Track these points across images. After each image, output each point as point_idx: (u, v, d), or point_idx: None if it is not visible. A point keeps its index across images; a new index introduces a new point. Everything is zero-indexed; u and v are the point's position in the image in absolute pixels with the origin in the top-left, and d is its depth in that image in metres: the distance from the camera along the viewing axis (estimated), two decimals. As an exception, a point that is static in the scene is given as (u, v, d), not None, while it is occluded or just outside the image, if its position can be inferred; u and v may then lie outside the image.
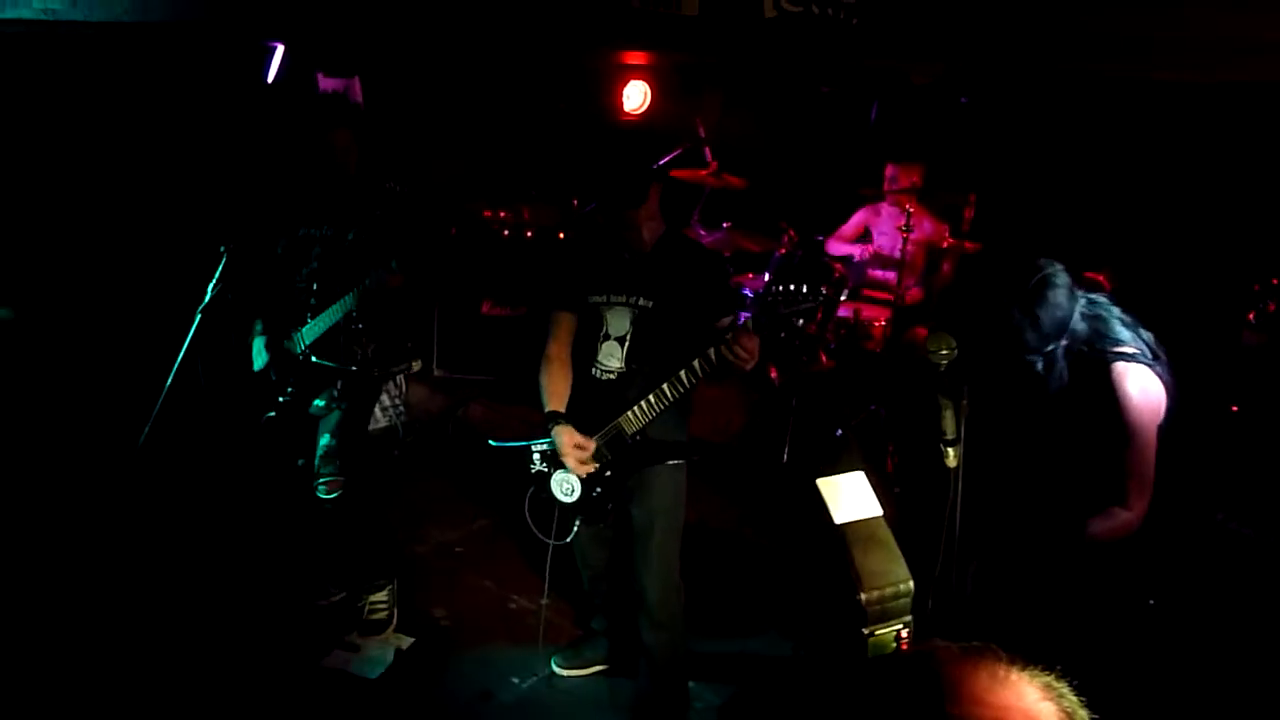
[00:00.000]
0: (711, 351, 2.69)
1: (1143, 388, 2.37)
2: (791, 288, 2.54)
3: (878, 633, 1.23)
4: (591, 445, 2.96)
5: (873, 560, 1.23)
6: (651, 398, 2.84)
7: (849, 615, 1.22)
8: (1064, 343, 2.41)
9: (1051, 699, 0.92)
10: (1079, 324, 2.43)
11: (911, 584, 1.20)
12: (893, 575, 1.20)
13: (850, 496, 1.26)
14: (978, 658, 0.95)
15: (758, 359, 2.70)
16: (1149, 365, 2.42)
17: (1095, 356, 2.41)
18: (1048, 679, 0.94)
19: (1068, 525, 2.47)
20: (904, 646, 1.25)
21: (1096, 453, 2.44)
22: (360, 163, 3.40)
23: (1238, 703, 2.96)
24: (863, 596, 1.22)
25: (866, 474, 1.27)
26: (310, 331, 3.41)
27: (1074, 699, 0.94)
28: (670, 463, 3.02)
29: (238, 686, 3.31)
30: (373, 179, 3.42)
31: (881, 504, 1.29)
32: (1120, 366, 2.38)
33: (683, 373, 2.77)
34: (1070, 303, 2.41)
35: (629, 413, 2.90)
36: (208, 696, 3.26)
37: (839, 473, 1.26)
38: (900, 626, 1.21)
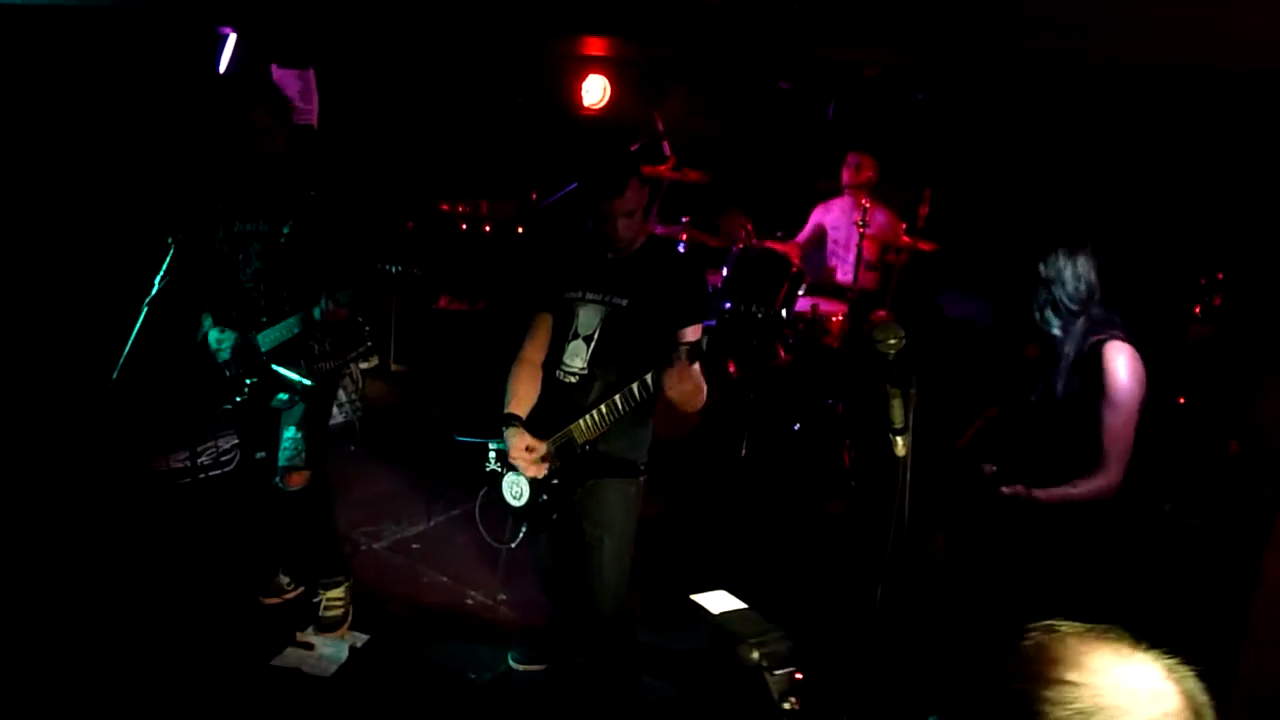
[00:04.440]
0: (651, 374, 2.65)
1: (1132, 365, 2.56)
2: (742, 309, 2.53)
3: (776, 673, 1.45)
4: (542, 447, 2.93)
5: (748, 627, 1.55)
6: (604, 408, 2.80)
7: (745, 672, 1.47)
8: (1084, 317, 2.62)
9: (1174, 681, 0.93)
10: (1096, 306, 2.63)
11: (787, 641, 1.46)
12: (768, 633, 1.50)
13: (720, 602, 1.62)
14: (1102, 635, 0.97)
15: (693, 396, 2.66)
16: (1134, 346, 2.60)
17: (1094, 334, 2.60)
18: (1172, 662, 0.95)
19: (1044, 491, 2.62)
20: (799, 680, 1.44)
21: (1081, 425, 2.60)
22: (294, 151, 3.33)
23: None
24: (753, 653, 1.47)
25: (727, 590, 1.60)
26: (265, 339, 3.37)
27: (1195, 683, 0.94)
28: (619, 477, 2.99)
29: (187, 687, 3.25)
30: (305, 170, 3.35)
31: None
32: (1116, 344, 2.57)
33: (635, 386, 2.73)
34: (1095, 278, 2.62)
35: (581, 421, 2.87)
36: (156, 698, 3.20)
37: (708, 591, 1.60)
38: (792, 669, 1.45)
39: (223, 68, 4.72)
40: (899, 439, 2.05)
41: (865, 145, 5.65)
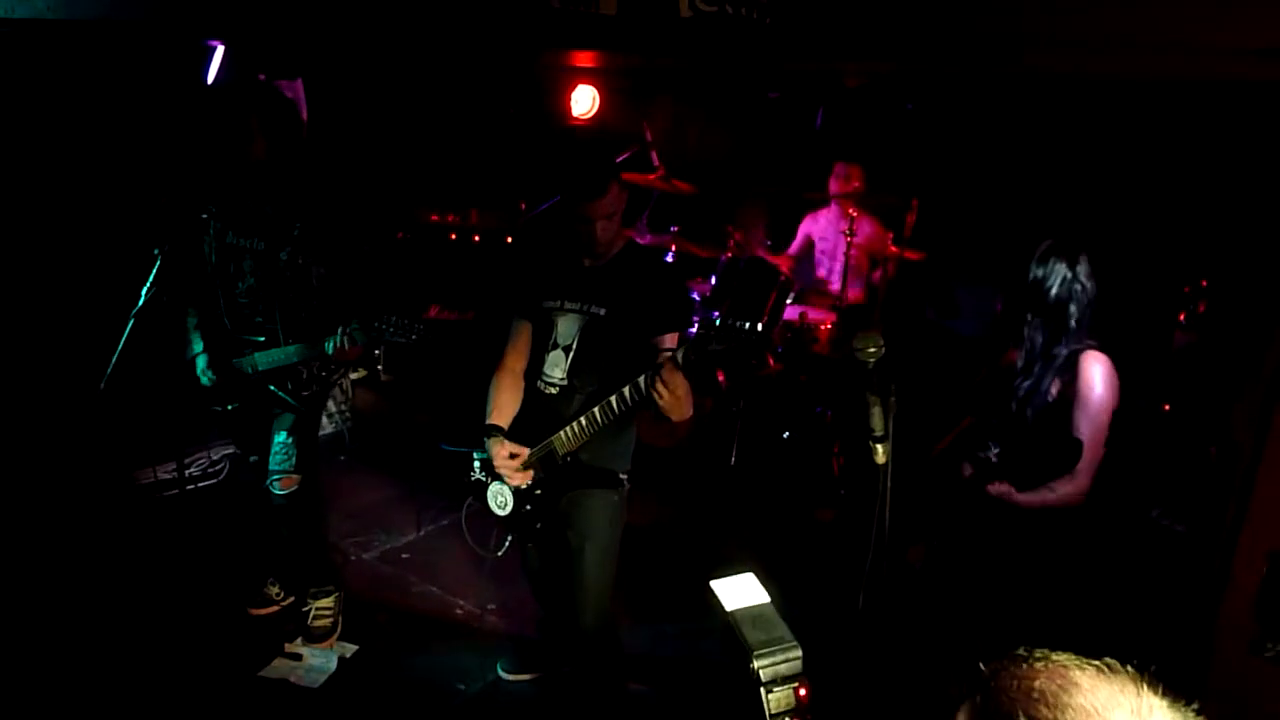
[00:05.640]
0: (642, 380, 2.65)
1: (1107, 376, 2.57)
2: (726, 323, 2.52)
3: (775, 690, 1.39)
4: (525, 453, 2.94)
5: (760, 634, 1.44)
6: (584, 420, 2.81)
7: (746, 681, 1.43)
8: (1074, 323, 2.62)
9: None
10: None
11: (799, 651, 1.41)
12: (779, 644, 1.41)
13: (741, 591, 1.51)
14: (1113, 683, 0.93)
15: (684, 401, 2.64)
16: (1108, 355, 2.61)
17: (1074, 342, 2.62)
18: (1188, 713, 0.93)
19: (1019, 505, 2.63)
20: (803, 700, 1.41)
21: (1057, 431, 2.60)
22: (291, 165, 3.32)
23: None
24: (755, 664, 1.39)
25: (756, 574, 1.52)
26: (263, 359, 3.38)
27: None
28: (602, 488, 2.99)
29: (174, 699, 3.25)
30: (303, 183, 3.35)
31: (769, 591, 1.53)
32: (1093, 354, 2.59)
33: (614, 399, 2.73)
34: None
35: (561, 433, 2.87)
36: (144, 710, 3.19)
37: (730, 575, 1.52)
38: (795, 685, 1.38)
39: (210, 79, 4.73)
40: (879, 447, 2.07)
41: (853, 155, 5.68)
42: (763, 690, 1.38)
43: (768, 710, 1.37)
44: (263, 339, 3.36)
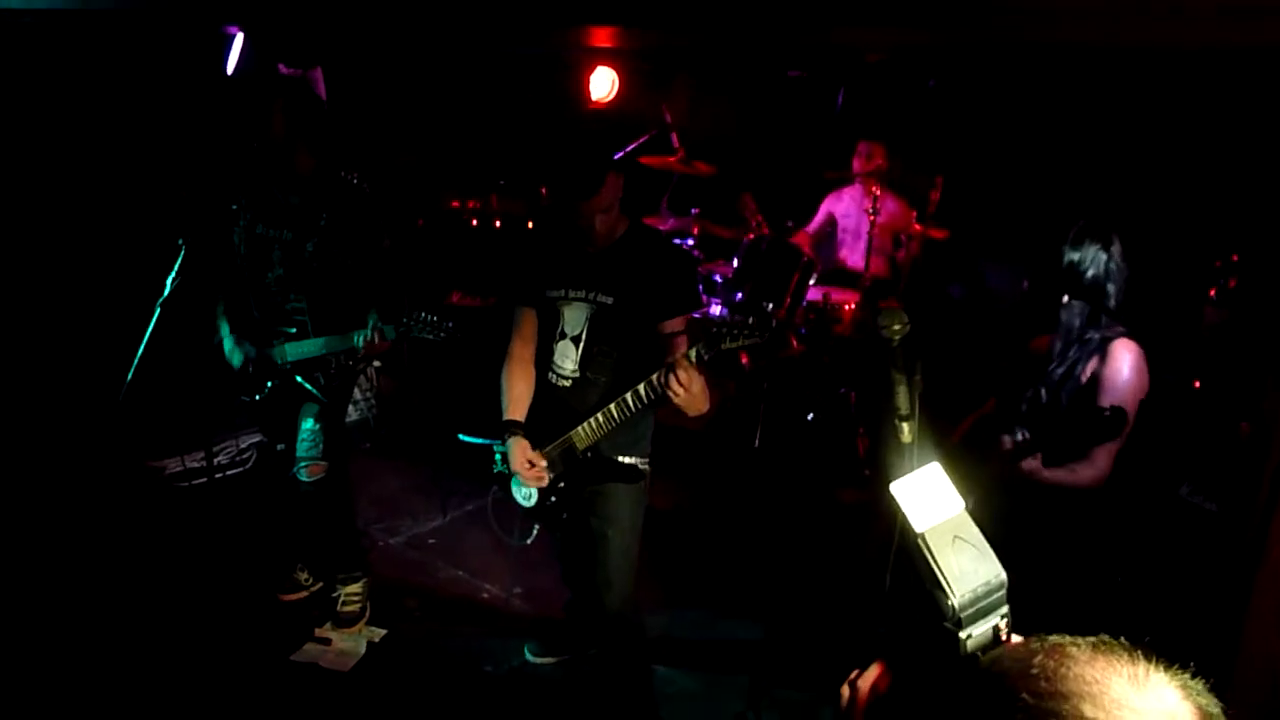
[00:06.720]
0: (656, 378, 2.61)
1: (1137, 363, 2.55)
2: (739, 318, 2.48)
3: (974, 633, 1.15)
4: (543, 462, 2.91)
5: (961, 560, 1.15)
6: (601, 416, 2.78)
7: (941, 620, 1.16)
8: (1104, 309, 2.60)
9: (1190, 700, 0.90)
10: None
11: (1004, 576, 1.13)
12: (983, 572, 1.12)
13: (929, 495, 1.18)
14: (1110, 655, 0.92)
15: (700, 397, 2.60)
16: (1139, 343, 2.58)
17: (1107, 328, 2.60)
18: (1184, 678, 0.92)
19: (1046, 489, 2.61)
20: (1005, 640, 1.15)
21: (1078, 417, 2.55)
22: (316, 155, 3.30)
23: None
24: (954, 601, 1.13)
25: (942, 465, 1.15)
26: (293, 350, 3.39)
27: (1209, 697, 0.92)
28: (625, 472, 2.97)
29: (206, 683, 3.29)
30: (328, 174, 3.34)
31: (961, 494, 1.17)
32: (1124, 341, 2.57)
33: (629, 396, 2.70)
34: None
35: (580, 429, 2.84)
36: (175, 694, 3.24)
37: (910, 469, 1.13)
38: (998, 620, 1.13)
39: (230, 68, 4.74)
40: (905, 425, 2.05)
41: (876, 133, 5.62)
42: (958, 633, 1.14)
43: (964, 650, 1.15)
44: (294, 330, 3.38)
